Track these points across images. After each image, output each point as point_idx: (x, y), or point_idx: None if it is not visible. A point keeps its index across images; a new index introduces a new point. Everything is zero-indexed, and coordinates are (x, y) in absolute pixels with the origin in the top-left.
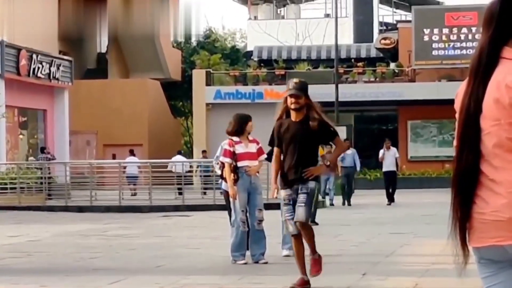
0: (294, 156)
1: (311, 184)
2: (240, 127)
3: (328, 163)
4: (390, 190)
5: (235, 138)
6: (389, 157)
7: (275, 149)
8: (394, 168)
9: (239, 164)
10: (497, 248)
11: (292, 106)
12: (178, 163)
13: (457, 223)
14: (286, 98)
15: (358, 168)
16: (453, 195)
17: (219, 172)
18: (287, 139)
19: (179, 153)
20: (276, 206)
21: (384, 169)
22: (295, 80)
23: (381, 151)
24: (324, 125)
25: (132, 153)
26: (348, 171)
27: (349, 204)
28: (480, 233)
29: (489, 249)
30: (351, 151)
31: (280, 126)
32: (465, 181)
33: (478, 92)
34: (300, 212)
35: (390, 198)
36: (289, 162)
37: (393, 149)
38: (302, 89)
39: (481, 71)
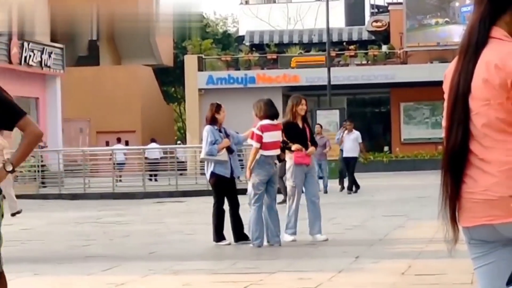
0: None
1: None
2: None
3: (11, 167)
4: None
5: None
6: (349, 141)
7: None
8: (356, 154)
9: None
10: (487, 227)
11: None
12: (152, 149)
13: (447, 203)
14: None
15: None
16: (442, 175)
17: (222, 156)
18: None
19: (153, 140)
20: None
21: (344, 155)
22: None
23: (339, 133)
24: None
25: (119, 140)
26: (348, 158)
27: (350, 190)
28: (471, 212)
29: (479, 229)
30: (354, 134)
31: None
32: (454, 160)
33: (467, 72)
34: None
35: (349, 187)
36: None
37: (356, 132)
38: None
39: (470, 51)
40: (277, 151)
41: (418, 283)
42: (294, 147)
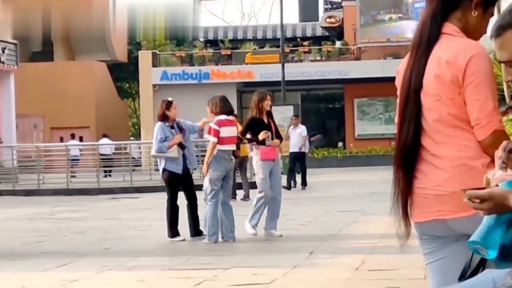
0: None
1: None
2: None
3: None
4: (299, 174)
5: None
6: (295, 136)
7: None
8: (303, 149)
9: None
10: (439, 222)
11: None
12: (104, 145)
13: (398, 198)
14: None
15: (306, 149)
16: (394, 170)
17: (172, 153)
18: None
19: (105, 136)
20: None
21: (290, 149)
22: None
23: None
24: None
25: (73, 136)
26: (295, 153)
27: (304, 186)
28: (422, 207)
29: (431, 224)
30: (300, 129)
31: None
32: (406, 156)
33: (419, 67)
34: None
35: (302, 183)
36: None
37: (302, 127)
38: None
39: (422, 47)
40: (233, 146)
41: (371, 278)
42: (261, 135)
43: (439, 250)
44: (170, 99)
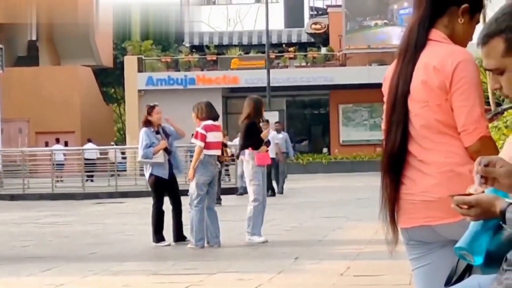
0: None
1: None
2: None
3: None
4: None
5: None
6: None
7: None
8: (273, 155)
9: None
10: (426, 228)
11: None
12: (89, 150)
13: (386, 204)
14: None
15: (291, 155)
16: (382, 176)
17: (158, 158)
18: None
19: (89, 140)
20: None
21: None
22: None
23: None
24: None
25: (58, 141)
26: (276, 159)
27: (281, 192)
28: (409, 213)
29: (418, 230)
30: (282, 135)
31: None
32: (393, 162)
33: (406, 73)
34: None
35: (280, 191)
36: None
37: (272, 132)
38: None
39: (409, 53)
40: (219, 151)
41: (357, 284)
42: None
43: (426, 256)
44: (152, 104)
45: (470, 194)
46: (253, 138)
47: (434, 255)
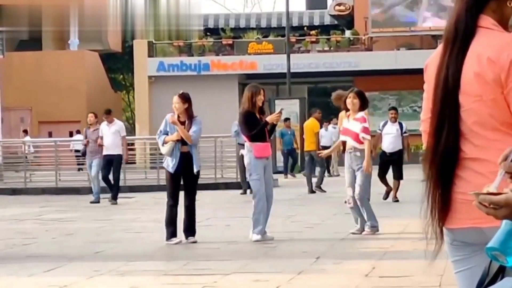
0: None
1: None
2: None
3: None
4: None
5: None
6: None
7: None
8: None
9: None
10: (475, 230)
11: None
12: (77, 141)
13: (434, 203)
14: None
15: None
16: (430, 174)
17: (163, 149)
18: None
19: (78, 132)
20: (224, 186)
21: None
22: None
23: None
24: None
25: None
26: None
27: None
28: (458, 213)
29: (465, 231)
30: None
31: None
32: (446, 161)
33: (457, 64)
34: None
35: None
36: None
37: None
38: None
39: (458, 42)
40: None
41: (382, 286)
42: (272, 117)
43: (470, 258)
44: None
45: (495, 194)
46: (252, 128)
47: (477, 258)
